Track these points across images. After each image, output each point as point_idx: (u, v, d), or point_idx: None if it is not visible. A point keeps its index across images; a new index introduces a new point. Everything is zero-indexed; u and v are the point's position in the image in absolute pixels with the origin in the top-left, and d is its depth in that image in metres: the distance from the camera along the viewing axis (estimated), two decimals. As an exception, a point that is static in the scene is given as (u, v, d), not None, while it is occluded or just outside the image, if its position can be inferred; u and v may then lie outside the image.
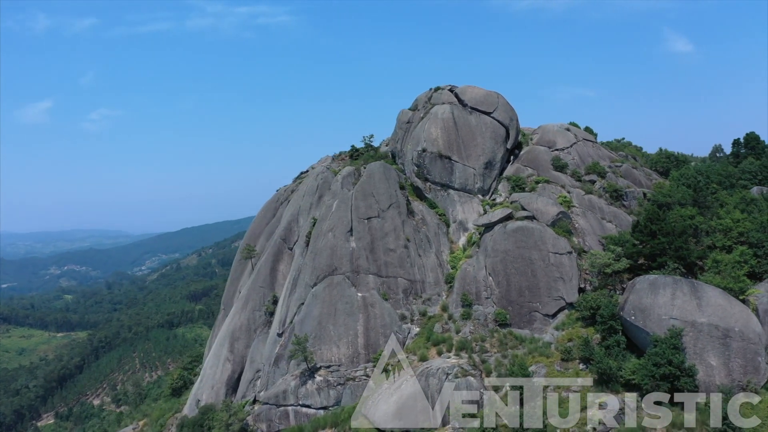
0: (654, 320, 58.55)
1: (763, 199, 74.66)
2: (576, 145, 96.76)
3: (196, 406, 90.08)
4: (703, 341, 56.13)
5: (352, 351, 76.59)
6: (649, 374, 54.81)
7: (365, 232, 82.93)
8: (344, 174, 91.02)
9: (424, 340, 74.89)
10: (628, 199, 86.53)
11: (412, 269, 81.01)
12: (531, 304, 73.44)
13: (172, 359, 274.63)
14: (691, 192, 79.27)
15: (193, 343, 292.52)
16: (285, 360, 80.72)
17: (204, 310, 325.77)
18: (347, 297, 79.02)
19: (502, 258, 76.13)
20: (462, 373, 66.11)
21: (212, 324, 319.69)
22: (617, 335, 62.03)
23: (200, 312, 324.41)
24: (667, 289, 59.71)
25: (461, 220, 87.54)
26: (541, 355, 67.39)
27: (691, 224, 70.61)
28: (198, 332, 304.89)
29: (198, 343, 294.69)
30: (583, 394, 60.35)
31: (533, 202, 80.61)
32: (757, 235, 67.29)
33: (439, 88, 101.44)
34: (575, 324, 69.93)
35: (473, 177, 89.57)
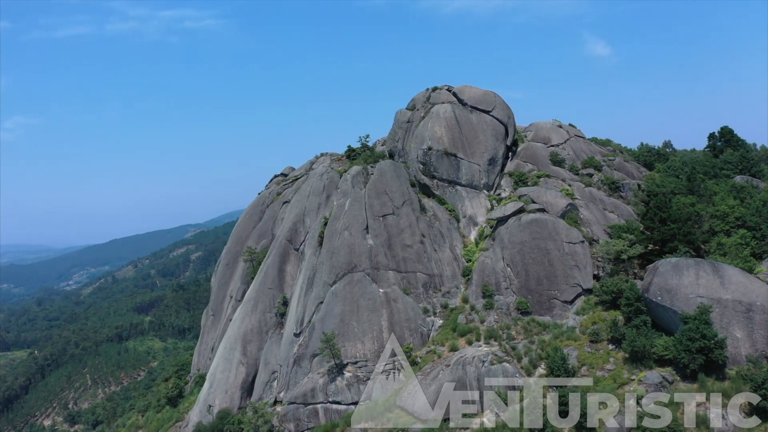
0: (681, 299, 63.17)
1: (751, 186, 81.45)
2: (569, 141, 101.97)
3: (208, 411, 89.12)
4: (729, 316, 61.12)
5: (377, 346, 78.00)
6: (685, 349, 59.18)
7: (381, 229, 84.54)
8: (353, 173, 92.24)
9: (450, 331, 77.29)
10: (624, 190, 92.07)
11: (429, 264, 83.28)
12: (550, 291, 77.14)
13: (125, 373, 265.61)
14: (684, 182, 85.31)
15: (146, 356, 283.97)
16: (307, 359, 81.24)
17: (154, 321, 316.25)
18: (369, 293, 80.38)
19: (519, 249, 79.59)
20: (497, 360, 68.91)
21: (164, 336, 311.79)
22: (643, 316, 66.34)
23: (150, 324, 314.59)
24: (691, 270, 64.56)
25: (471, 215, 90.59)
26: (568, 339, 71.10)
27: (693, 211, 76.18)
28: (149, 344, 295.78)
29: (151, 356, 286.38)
30: (618, 371, 64.35)
31: (542, 195, 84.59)
32: (754, 219, 73.49)
33: (437, 88, 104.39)
34: (595, 308, 74.08)
35: (479, 173, 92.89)
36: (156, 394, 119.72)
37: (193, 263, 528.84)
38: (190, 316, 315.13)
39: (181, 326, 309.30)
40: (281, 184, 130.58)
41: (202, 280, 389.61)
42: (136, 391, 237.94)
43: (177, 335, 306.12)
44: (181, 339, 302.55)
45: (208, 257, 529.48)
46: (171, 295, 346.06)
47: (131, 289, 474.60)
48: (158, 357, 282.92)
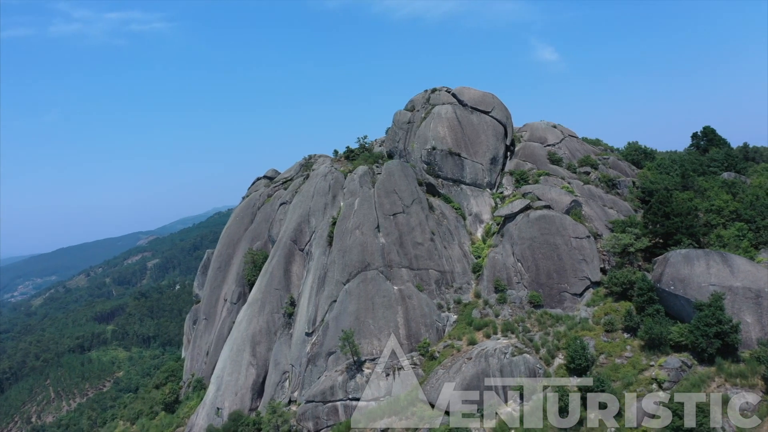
0: (694, 288, 66.75)
1: (741, 182, 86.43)
2: (564, 141, 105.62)
3: (217, 414, 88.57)
4: (739, 303, 64.94)
5: (394, 342, 79.12)
6: (702, 334, 62.61)
7: (393, 228, 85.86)
8: (360, 173, 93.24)
9: (465, 325, 79.18)
10: (620, 187, 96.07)
11: (440, 261, 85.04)
12: (560, 285, 79.96)
13: (90, 384, 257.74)
14: (677, 179, 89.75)
15: (110, 366, 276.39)
16: (323, 357, 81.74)
17: (117, 330, 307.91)
18: (384, 291, 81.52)
19: (529, 245, 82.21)
20: (518, 352, 71.14)
21: (128, 345, 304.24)
22: (655, 305, 69.71)
23: (113, 333, 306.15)
24: (701, 260, 68.30)
25: (476, 213, 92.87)
26: (583, 330, 73.92)
27: (691, 206, 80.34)
28: (113, 354, 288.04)
29: (116, 366, 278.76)
30: (636, 358, 67.45)
31: (547, 193, 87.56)
32: (748, 212, 78.07)
33: (436, 89, 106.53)
34: (605, 300, 77.23)
35: (482, 172, 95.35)
36: (148, 401, 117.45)
37: (151, 270, 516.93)
38: (154, 324, 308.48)
39: (146, 334, 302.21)
40: (271, 186, 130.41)
41: (165, 288, 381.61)
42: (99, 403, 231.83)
43: (142, 344, 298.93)
44: (146, 348, 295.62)
45: (166, 264, 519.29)
46: (133, 303, 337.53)
47: (86, 298, 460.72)
48: (124, 367, 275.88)
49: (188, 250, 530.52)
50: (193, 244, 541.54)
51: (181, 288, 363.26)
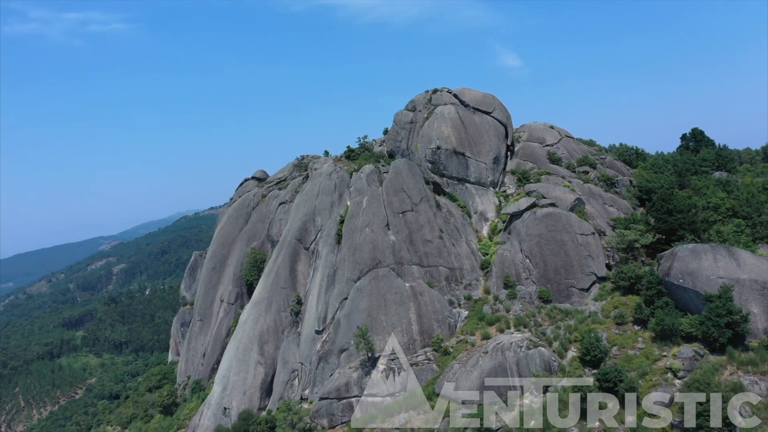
0: (703, 281, 69.52)
1: (735, 181, 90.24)
2: (562, 141, 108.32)
3: (224, 414, 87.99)
4: (746, 294, 67.91)
5: (407, 338, 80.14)
6: (714, 324, 65.28)
7: (402, 226, 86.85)
8: (367, 172, 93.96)
9: (477, 321, 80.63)
10: (618, 186, 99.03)
11: (449, 258, 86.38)
12: (567, 280, 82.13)
13: (61, 392, 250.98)
14: (673, 178, 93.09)
15: (82, 373, 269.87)
16: (335, 355, 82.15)
17: (87, 336, 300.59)
18: (395, 288, 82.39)
19: (537, 241, 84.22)
20: (533, 345, 72.85)
21: (99, 351, 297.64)
22: (664, 298, 72.28)
23: (83, 339, 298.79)
24: (708, 254, 71.16)
25: (481, 211, 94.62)
26: (594, 323, 76.10)
27: (691, 203, 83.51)
28: (84, 361, 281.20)
29: (87, 372, 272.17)
30: (648, 349, 69.83)
31: (552, 191, 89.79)
32: (744, 209, 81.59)
33: (437, 90, 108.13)
34: (613, 294, 79.65)
35: (485, 171, 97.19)
36: (142, 405, 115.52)
37: (117, 276, 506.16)
38: (126, 330, 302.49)
39: (118, 340, 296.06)
40: (264, 186, 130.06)
41: (135, 292, 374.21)
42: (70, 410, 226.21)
43: (113, 350, 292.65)
44: (118, 354, 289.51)
45: (133, 269, 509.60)
46: (103, 309, 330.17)
47: (50, 304, 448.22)
48: (95, 373, 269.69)
49: (156, 254, 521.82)
50: (160, 248, 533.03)
51: (152, 292, 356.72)
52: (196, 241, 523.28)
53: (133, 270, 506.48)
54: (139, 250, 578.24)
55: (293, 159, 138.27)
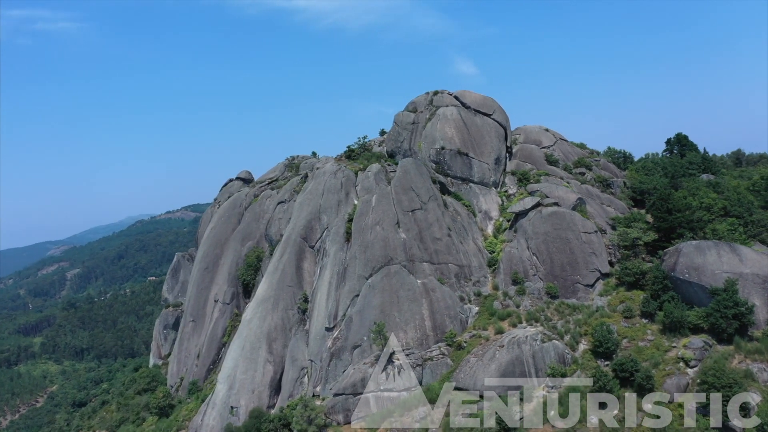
0: (708, 275, 73.29)
1: (725, 182, 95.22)
2: (557, 144, 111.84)
3: (231, 413, 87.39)
4: (749, 288, 71.93)
5: (420, 334, 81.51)
6: (722, 315, 68.96)
7: (412, 224, 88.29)
8: (374, 171, 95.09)
9: (488, 316, 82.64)
10: (613, 187, 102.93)
11: (458, 255, 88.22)
12: (573, 277, 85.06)
13: (21, 400, 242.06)
14: (664, 180, 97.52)
15: (42, 381, 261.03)
16: (348, 351, 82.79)
17: (46, 343, 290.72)
18: (408, 284, 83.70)
19: (543, 239, 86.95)
20: (547, 338, 75.26)
21: (59, 358, 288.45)
22: (670, 292, 75.80)
23: (42, 346, 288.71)
24: (712, 250, 75.07)
25: (486, 210, 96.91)
26: (602, 317, 79.06)
27: (687, 203, 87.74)
28: (44, 368, 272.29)
29: (48, 380, 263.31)
30: (658, 341, 73.10)
31: (554, 191, 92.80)
32: (736, 209, 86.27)
33: (438, 92, 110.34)
34: (617, 289, 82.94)
35: (488, 171, 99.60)
36: (133, 408, 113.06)
37: (71, 281, 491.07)
38: (88, 336, 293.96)
39: (79, 346, 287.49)
40: (256, 186, 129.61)
41: (93, 298, 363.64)
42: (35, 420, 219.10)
43: (74, 356, 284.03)
44: (79, 360, 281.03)
45: (88, 274, 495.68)
46: (62, 315, 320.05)
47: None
48: (56, 381, 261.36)
49: (112, 259, 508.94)
50: (117, 253, 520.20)
51: (113, 297, 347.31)
52: (155, 245, 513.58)
53: (88, 275, 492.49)
54: (93, 255, 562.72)
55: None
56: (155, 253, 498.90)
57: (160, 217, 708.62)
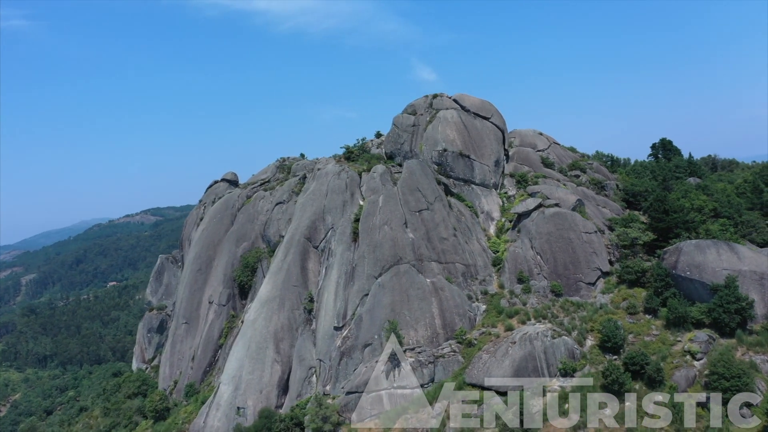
0: (709, 273, 76.89)
1: (714, 185, 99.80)
2: (551, 147, 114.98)
3: (238, 414, 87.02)
4: (747, 284, 75.76)
5: (430, 332, 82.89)
6: (725, 310, 72.52)
7: (419, 224, 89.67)
8: (380, 171, 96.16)
9: (496, 314, 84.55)
10: (607, 189, 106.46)
11: (464, 255, 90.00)
12: (575, 275, 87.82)
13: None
14: (654, 182, 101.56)
15: (4, 389, 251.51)
16: (359, 350, 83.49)
17: (6, 350, 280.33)
18: (417, 283, 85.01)
19: (546, 239, 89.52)
20: (557, 335, 77.59)
21: (21, 365, 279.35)
22: (672, 289, 79.19)
23: (2, 353, 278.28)
24: (711, 249, 78.77)
25: (487, 211, 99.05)
26: (606, 314, 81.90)
27: (681, 204, 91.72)
28: (5, 376, 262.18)
29: (10, 388, 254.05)
30: (663, 336, 76.24)
31: (555, 192, 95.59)
32: (727, 210, 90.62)
33: (437, 95, 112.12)
34: (619, 287, 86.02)
35: (489, 173, 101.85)
36: (125, 413, 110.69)
37: (27, 286, 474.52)
38: (51, 342, 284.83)
39: (42, 353, 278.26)
40: (248, 188, 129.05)
41: (52, 303, 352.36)
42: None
43: (37, 364, 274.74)
44: (42, 368, 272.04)
45: (44, 280, 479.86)
46: (22, 321, 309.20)
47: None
48: (19, 389, 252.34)
49: (70, 264, 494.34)
50: (74, 257, 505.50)
51: (75, 303, 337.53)
52: (115, 249, 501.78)
53: (44, 280, 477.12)
54: (49, 260, 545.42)
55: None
56: (116, 257, 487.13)
57: (119, 221, 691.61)
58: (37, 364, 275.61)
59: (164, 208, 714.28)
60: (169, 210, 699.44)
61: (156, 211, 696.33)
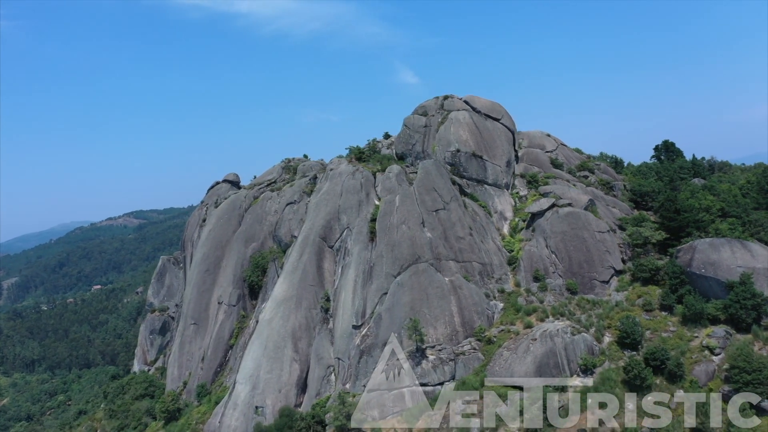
0: (724, 270, 78.84)
1: (720, 185, 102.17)
2: (559, 149, 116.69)
3: (257, 413, 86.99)
4: (761, 281, 77.76)
5: (450, 330, 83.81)
6: (741, 306, 74.39)
7: (437, 223, 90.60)
8: (395, 172, 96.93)
9: (514, 312, 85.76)
10: (615, 190, 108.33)
11: (480, 254, 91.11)
12: (590, 274, 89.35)
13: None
14: (660, 183, 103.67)
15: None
16: (379, 348, 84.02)
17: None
18: (436, 282, 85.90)
19: (561, 238, 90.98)
20: (576, 331, 78.96)
21: (8, 370, 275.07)
22: (687, 286, 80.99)
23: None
24: (725, 247, 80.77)
25: (501, 211, 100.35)
26: (622, 311, 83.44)
27: (690, 204, 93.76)
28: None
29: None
30: (680, 332, 77.94)
31: (567, 192, 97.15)
32: (734, 210, 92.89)
33: (448, 96, 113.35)
34: (633, 285, 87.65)
35: (501, 174, 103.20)
36: (134, 414, 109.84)
37: (8, 290, 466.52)
38: (39, 346, 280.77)
39: (29, 358, 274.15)
40: (255, 188, 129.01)
41: (40, 306, 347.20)
42: None
43: (25, 368, 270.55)
44: (30, 372, 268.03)
45: (26, 283, 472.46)
46: (8, 325, 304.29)
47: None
48: (7, 394, 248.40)
49: (52, 267, 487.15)
50: (57, 261, 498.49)
51: (62, 306, 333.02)
52: (99, 252, 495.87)
53: (26, 284, 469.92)
54: (30, 263, 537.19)
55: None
56: (100, 260, 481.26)
57: (101, 224, 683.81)
58: (25, 368, 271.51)
59: (147, 211, 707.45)
60: (153, 213, 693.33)
61: (139, 214, 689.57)
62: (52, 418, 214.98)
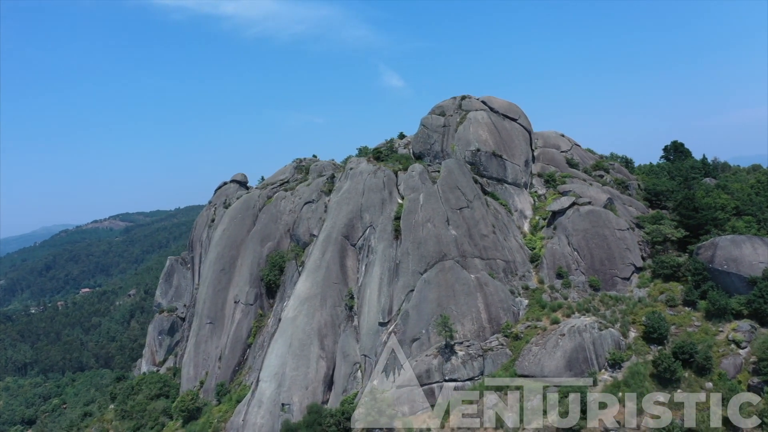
0: (746, 266, 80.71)
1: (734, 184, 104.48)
2: (573, 149, 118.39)
3: (283, 410, 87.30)
4: (782, 276, 79.75)
5: (477, 326, 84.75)
6: (765, 302, 76.22)
7: (461, 221, 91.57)
8: (418, 170, 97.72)
9: (539, 308, 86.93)
10: (630, 189, 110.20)
11: (504, 251, 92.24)
12: (611, 270, 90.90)
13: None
14: (673, 182, 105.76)
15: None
16: (407, 344, 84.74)
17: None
18: (463, 279, 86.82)
19: (583, 236, 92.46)
20: (603, 327, 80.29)
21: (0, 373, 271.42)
22: (709, 282, 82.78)
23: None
24: (746, 243, 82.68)
25: (521, 209, 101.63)
26: (646, 307, 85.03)
27: (707, 203, 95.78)
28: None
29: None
30: (705, 327, 79.62)
31: (586, 191, 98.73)
32: (749, 208, 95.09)
33: (465, 96, 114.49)
34: (654, 281, 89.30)
35: (520, 173, 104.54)
36: (150, 414, 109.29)
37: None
38: (31, 350, 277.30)
39: (21, 361, 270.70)
40: (268, 188, 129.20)
41: (30, 309, 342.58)
42: None
43: (17, 372, 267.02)
44: (22, 375, 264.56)
45: (13, 286, 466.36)
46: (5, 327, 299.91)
47: None
48: (0, 397, 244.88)
49: (39, 270, 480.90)
50: (44, 264, 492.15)
51: (53, 309, 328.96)
52: (86, 255, 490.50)
53: (12, 287, 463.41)
54: (14, 267, 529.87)
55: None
56: (87, 263, 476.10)
57: (87, 226, 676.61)
58: (17, 372, 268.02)
59: (133, 214, 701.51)
60: (139, 215, 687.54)
61: (125, 217, 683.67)
62: (49, 421, 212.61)
